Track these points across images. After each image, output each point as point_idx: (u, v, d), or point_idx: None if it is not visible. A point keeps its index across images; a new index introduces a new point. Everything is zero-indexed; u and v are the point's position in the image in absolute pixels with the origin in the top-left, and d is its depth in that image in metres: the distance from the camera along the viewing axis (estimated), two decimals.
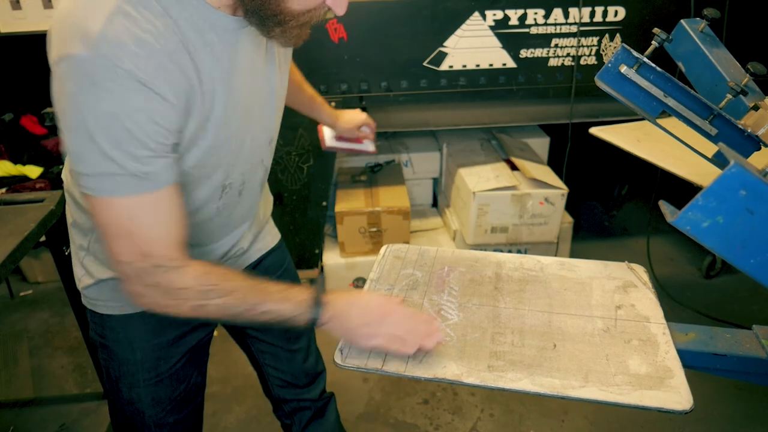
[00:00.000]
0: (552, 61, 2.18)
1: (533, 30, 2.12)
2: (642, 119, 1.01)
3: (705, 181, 1.22)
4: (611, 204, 3.25)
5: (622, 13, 2.12)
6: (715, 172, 0.82)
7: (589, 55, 2.19)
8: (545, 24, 2.11)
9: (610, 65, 0.98)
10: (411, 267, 1.20)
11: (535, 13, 2.09)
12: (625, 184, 3.17)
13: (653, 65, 0.96)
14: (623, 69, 0.96)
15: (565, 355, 0.94)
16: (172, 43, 0.73)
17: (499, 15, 2.08)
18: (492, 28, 2.10)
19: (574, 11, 2.10)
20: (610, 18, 2.13)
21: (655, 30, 0.98)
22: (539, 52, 2.16)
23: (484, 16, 2.08)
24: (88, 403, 1.85)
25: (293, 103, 1.29)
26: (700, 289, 2.56)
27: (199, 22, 0.77)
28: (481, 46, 2.12)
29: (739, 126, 0.95)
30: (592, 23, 2.13)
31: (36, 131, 2.54)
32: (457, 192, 2.55)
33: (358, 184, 2.54)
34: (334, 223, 2.37)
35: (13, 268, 1.26)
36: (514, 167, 2.50)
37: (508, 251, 1.95)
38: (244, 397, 2.03)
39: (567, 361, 0.92)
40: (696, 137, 0.99)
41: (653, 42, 0.98)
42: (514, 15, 2.08)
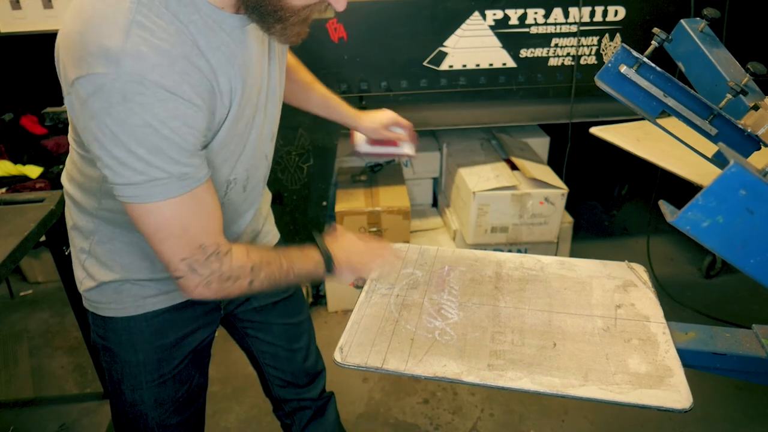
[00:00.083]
0: (552, 61, 2.18)
1: (533, 30, 2.12)
2: (642, 119, 1.01)
3: (705, 181, 1.22)
4: (611, 204, 3.25)
5: (622, 13, 2.12)
6: (715, 171, 0.82)
7: (589, 54, 2.19)
8: (545, 24, 2.11)
9: (610, 65, 0.98)
10: (411, 266, 1.20)
11: (535, 12, 2.09)
12: (625, 184, 3.17)
13: (653, 65, 0.96)
14: (623, 69, 0.96)
15: (565, 354, 0.94)
16: (187, 47, 0.74)
17: (499, 15, 2.08)
18: (492, 27, 2.10)
19: (574, 11, 2.10)
20: (610, 18, 2.13)
21: (655, 30, 0.98)
22: (539, 52, 2.16)
23: (484, 16, 2.08)
24: (88, 403, 1.85)
25: (305, 104, 1.26)
26: (700, 289, 2.56)
27: (208, 23, 0.78)
28: (481, 45, 2.12)
29: (739, 126, 0.95)
30: (592, 23, 2.13)
31: (36, 131, 2.54)
32: (457, 192, 2.55)
33: (358, 184, 2.54)
34: (334, 223, 2.37)
35: (13, 268, 1.26)
36: (514, 167, 2.50)
37: (508, 251, 1.95)
38: (244, 397, 2.03)
39: (567, 360, 0.92)
40: (696, 137, 0.99)
41: (653, 42, 0.98)
42: (514, 15, 2.08)
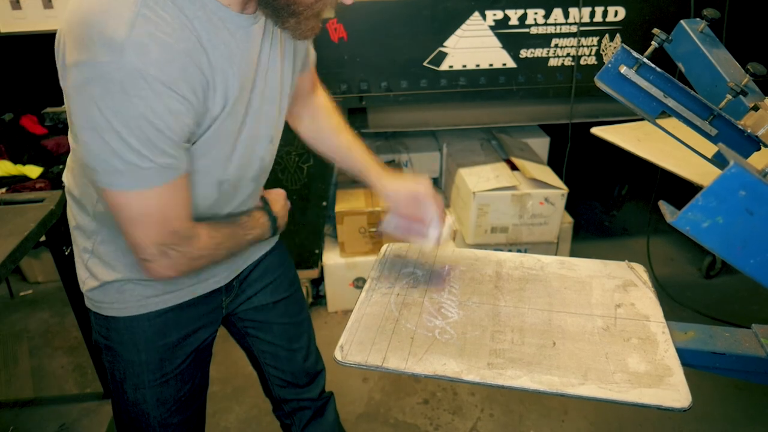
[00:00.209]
0: (552, 61, 2.19)
1: (533, 30, 2.12)
2: (642, 119, 1.02)
3: (705, 181, 1.22)
4: (611, 204, 3.25)
5: (622, 13, 2.12)
6: (715, 172, 0.82)
7: (589, 55, 2.19)
8: (545, 24, 2.11)
9: (610, 65, 0.98)
10: (411, 266, 1.20)
11: (535, 13, 2.09)
12: (625, 184, 3.17)
13: (653, 66, 0.96)
14: (623, 69, 0.96)
15: (565, 353, 0.94)
16: (190, 43, 0.75)
17: (499, 15, 2.08)
18: (492, 28, 2.10)
19: (574, 11, 2.10)
20: (610, 18, 2.13)
21: (655, 30, 0.98)
22: (539, 52, 2.16)
23: (484, 16, 2.08)
24: (88, 403, 1.85)
25: (325, 150, 1.19)
26: (700, 289, 2.56)
27: (213, 19, 0.78)
28: (481, 46, 2.12)
29: (739, 126, 0.95)
30: (592, 23, 2.13)
31: (36, 131, 2.55)
32: (457, 192, 2.55)
33: (358, 184, 2.52)
34: (334, 223, 2.37)
35: (13, 268, 1.26)
36: (514, 167, 2.50)
37: (508, 251, 1.95)
38: (244, 397, 2.03)
39: (566, 359, 0.92)
40: (696, 137, 0.99)
41: (653, 42, 0.98)
42: (514, 15, 2.09)
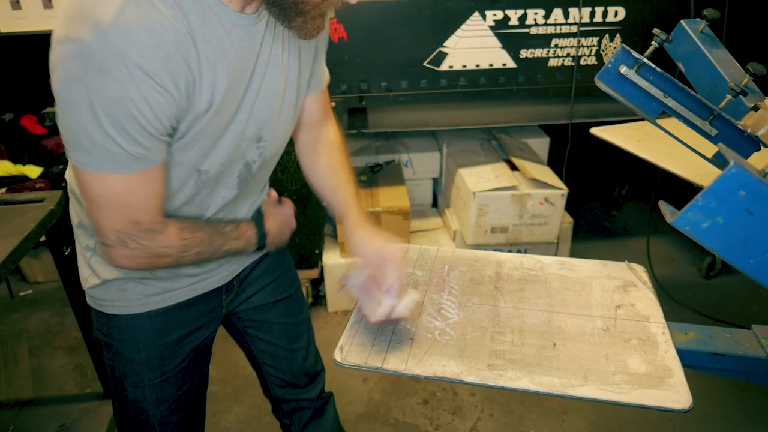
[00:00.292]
0: (552, 61, 2.18)
1: (533, 30, 2.12)
2: (642, 119, 1.02)
3: (705, 182, 1.22)
4: (611, 204, 3.25)
5: (622, 13, 2.12)
6: (715, 172, 0.82)
7: (589, 55, 2.19)
8: (545, 24, 2.11)
9: (610, 66, 0.98)
10: (411, 266, 1.20)
11: (535, 13, 2.09)
12: (625, 184, 3.17)
13: (653, 66, 0.96)
14: (623, 69, 0.96)
15: (565, 354, 0.94)
16: (180, 35, 0.74)
17: (499, 15, 2.08)
18: (492, 28, 2.10)
19: (574, 11, 2.10)
20: (610, 18, 2.13)
21: (655, 30, 0.98)
22: (539, 52, 2.16)
23: (484, 16, 2.08)
24: (88, 403, 1.85)
25: (313, 184, 1.18)
26: (700, 289, 2.56)
27: (208, 15, 0.78)
28: (481, 46, 2.12)
29: (739, 126, 0.95)
30: (592, 23, 2.13)
31: (36, 131, 2.54)
32: (457, 192, 2.55)
33: (358, 184, 2.52)
34: (334, 223, 2.37)
35: (13, 268, 1.26)
36: (514, 167, 2.50)
37: (508, 251, 1.95)
38: (244, 397, 2.03)
39: (567, 360, 0.92)
40: (696, 137, 0.99)
41: (653, 42, 0.98)
42: (514, 15, 2.09)
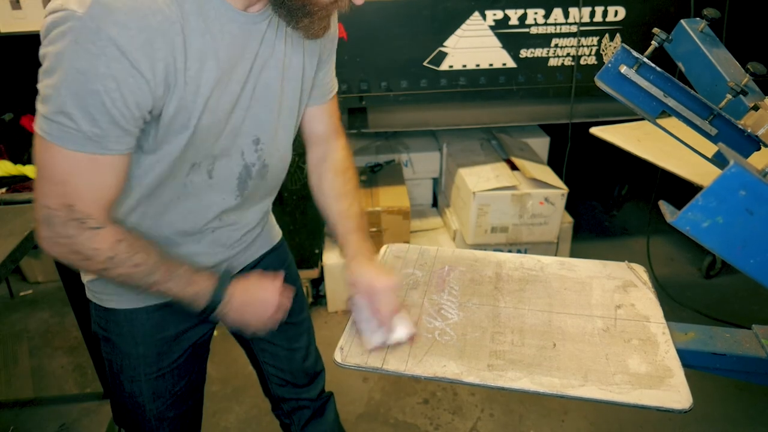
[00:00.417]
0: (552, 61, 2.18)
1: (533, 30, 2.12)
2: (642, 119, 1.02)
3: (705, 181, 1.22)
4: (611, 204, 3.25)
5: (622, 13, 2.12)
6: (715, 172, 0.82)
7: (589, 55, 2.19)
8: (545, 24, 2.11)
9: (610, 65, 0.98)
10: (411, 266, 1.20)
11: (535, 13, 2.09)
12: (625, 184, 3.17)
13: (653, 65, 0.96)
14: (623, 69, 0.96)
15: (565, 355, 0.94)
16: (168, 22, 0.74)
17: (499, 15, 2.08)
18: (492, 28, 2.10)
19: (574, 11, 2.10)
20: (610, 18, 2.13)
21: (655, 30, 0.98)
22: (539, 52, 2.16)
23: (484, 16, 2.08)
24: (88, 403, 1.85)
25: (320, 207, 1.15)
26: (700, 289, 2.56)
27: (205, 9, 0.78)
28: (481, 46, 2.12)
29: (739, 126, 0.95)
30: (592, 23, 2.13)
31: None
32: (457, 192, 2.55)
33: (360, 184, 2.54)
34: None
35: (13, 268, 1.26)
36: (514, 167, 2.50)
37: (508, 251, 1.95)
38: (244, 397, 2.03)
39: (567, 361, 0.92)
40: (696, 137, 0.99)
41: (653, 42, 0.98)
42: (514, 15, 2.08)
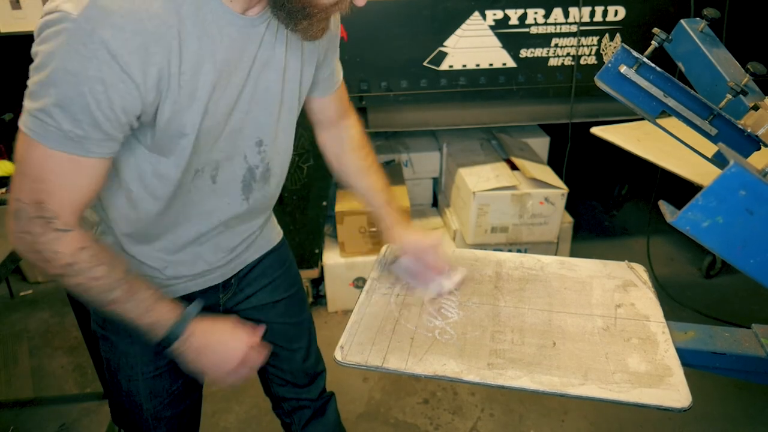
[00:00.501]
0: (552, 61, 2.19)
1: (533, 30, 2.12)
2: (642, 119, 1.02)
3: (705, 181, 1.22)
4: (611, 204, 3.25)
5: (622, 13, 2.12)
6: (715, 171, 0.82)
7: (589, 54, 2.19)
8: (545, 24, 2.11)
9: (610, 65, 0.98)
10: None
11: (535, 12, 2.09)
12: (625, 184, 3.17)
13: (653, 65, 0.96)
14: (623, 69, 0.96)
15: (565, 354, 0.94)
16: (164, 27, 0.74)
17: (499, 15, 2.08)
18: (492, 27, 2.10)
19: (574, 11, 2.10)
20: (610, 18, 2.13)
21: (655, 30, 0.98)
22: (539, 52, 2.16)
23: (484, 16, 2.08)
24: (88, 403, 1.85)
25: (356, 189, 1.20)
26: (700, 289, 2.56)
27: (203, 12, 0.77)
28: (481, 45, 2.12)
29: (739, 126, 0.95)
30: (592, 23, 2.13)
31: None
32: (457, 192, 2.55)
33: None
34: (334, 223, 2.37)
35: (13, 268, 1.26)
36: (514, 167, 2.50)
37: (508, 251, 1.96)
38: (244, 397, 2.03)
39: (567, 360, 0.92)
40: (696, 137, 0.99)
41: (653, 42, 0.98)
42: (514, 15, 2.09)
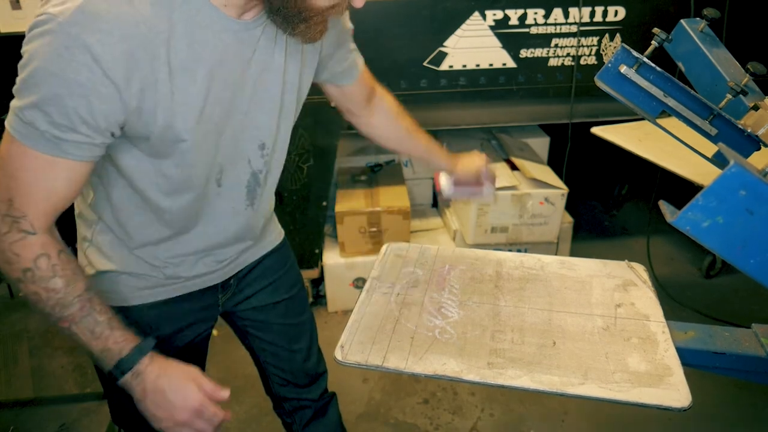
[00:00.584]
0: (552, 61, 2.19)
1: (533, 30, 2.12)
2: (642, 119, 1.02)
3: (705, 181, 1.22)
4: (611, 204, 3.25)
5: (622, 13, 2.13)
6: (715, 171, 0.82)
7: (589, 55, 2.19)
8: (545, 24, 2.11)
9: (610, 65, 0.98)
10: (412, 265, 1.20)
11: (535, 13, 2.09)
12: (625, 184, 3.18)
13: (653, 65, 0.96)
14: (623, 69, 0.96)
15: (565, 353, 0.94)
16: (152, 34, 0.73)
17: (499, 15, 2.08)
18: (492, 28, 2.10)
19: (574, 11, 2.10)
20: (610, 18, 2.13)
21: (655, 30, 0.98)
22: (539, 52, 2.16)
23: (484, 16, 2.08)
24: (88, 403, 1.85)
25: (406, 150, 1.33)
26: (700, 289, 2.56)
27: (196, 17, 0.77)
28: (481, 46, 2.12)
29: (739, 126, 0.95)
30: (592, 23, 2.13)
31: None
32: None
33: (359, 184, 2.54)
34: (334, 223, 2.37)
35: None
36: (514, 167, 2.50)
37: (508, 251, 1.96)
38: (244, 397, 2.03)
39: (567, 359, 0.93)
40: (696, 137, 0.99)
41: (653, 42, 0.98)
42: (514, 15, 2.09)
